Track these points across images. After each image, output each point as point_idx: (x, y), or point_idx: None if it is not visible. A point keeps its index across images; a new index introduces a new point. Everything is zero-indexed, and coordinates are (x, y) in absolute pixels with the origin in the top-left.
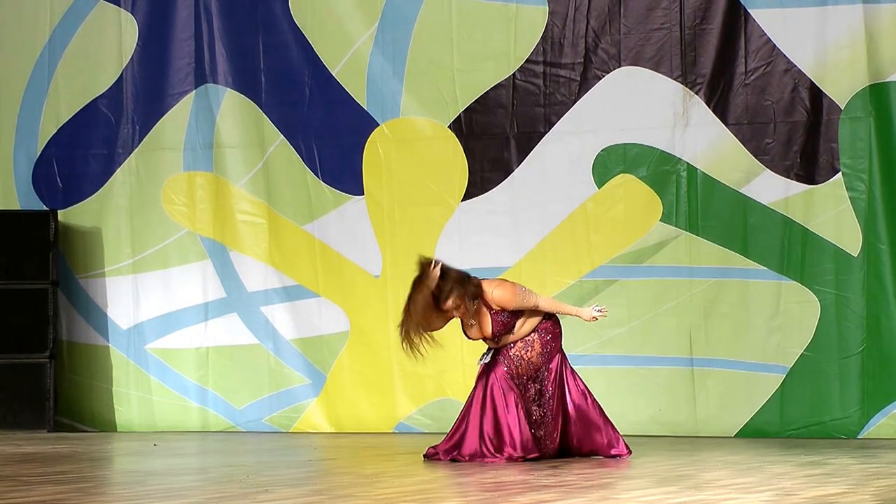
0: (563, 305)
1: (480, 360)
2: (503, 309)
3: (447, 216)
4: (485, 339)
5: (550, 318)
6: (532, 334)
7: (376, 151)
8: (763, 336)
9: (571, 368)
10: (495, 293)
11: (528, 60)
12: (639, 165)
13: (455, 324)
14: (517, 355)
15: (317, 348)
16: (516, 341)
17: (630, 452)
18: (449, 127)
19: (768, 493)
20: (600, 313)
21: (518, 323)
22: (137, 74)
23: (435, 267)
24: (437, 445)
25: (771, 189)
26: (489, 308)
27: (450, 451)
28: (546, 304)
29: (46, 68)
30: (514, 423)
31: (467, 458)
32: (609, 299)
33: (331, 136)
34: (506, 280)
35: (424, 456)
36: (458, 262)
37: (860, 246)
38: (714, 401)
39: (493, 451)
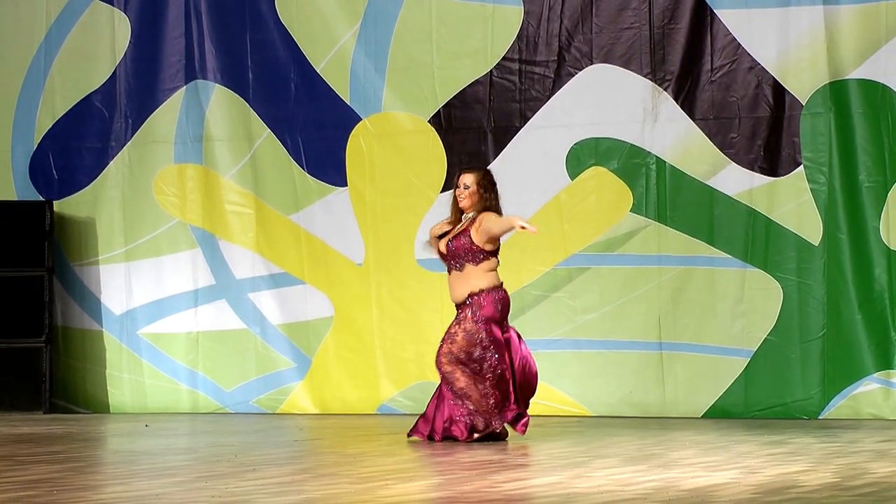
0: (506, 220)
1: None
2: (478, 228)
3: (427, 207)
4: (442, 256)
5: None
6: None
7: (359, 145)
8: (728, 321)
9: (518, 334)
10: (485, 215)
11: (504, 58)
12: (610, 158)
13: (429, 315)
14: (467, 328)
15: (302, 333)
16: (464, 331)
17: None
18: (429, 121)
19: (733, 471)
20: (530, 227)
21: (474, 269)
22: (130, 71)
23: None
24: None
25: (736, 181)
26: (468, 229)
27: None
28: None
29: (43, 65)
30: (444, 408)
31: (439, 438)
32: (582, 286)
33: (315, 130)
34: None
35: (408, 434)
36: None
37: (821, 235)
38: (682, 383)
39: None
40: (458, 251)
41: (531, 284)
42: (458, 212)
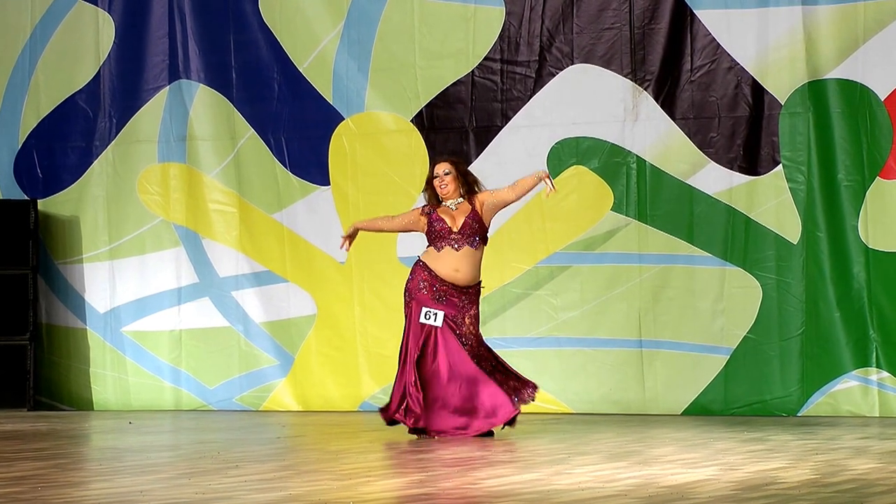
0: (522, 184)
1: (426, 318)
2: (483, 206)
3: (409, 206)
4: (450, 235)
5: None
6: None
7: (342, 144)
8: (708, 319)
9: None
10: (485, 194)
11: (486, 58)
12: (591, 157)
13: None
14: (469, 333)
15: (285, 331)
16: (471, 319)
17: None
18: (411, 121)
19: (713, 467)
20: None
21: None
22: (114, 71)
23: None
24: (392, 408)
25: (715, 180)
26: (472, 206)
27: (415, 420)
28: (512, 191)
29: (27, 65)
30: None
31: (435, 434)
32: (563, 284)
33: (298, 129)
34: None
35: (388, 420)
36: (420, 250)
37: (799, 234)
38: (662, 380)
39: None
40: (465, 229)
41: (513, 282)
42: (437, 201)
